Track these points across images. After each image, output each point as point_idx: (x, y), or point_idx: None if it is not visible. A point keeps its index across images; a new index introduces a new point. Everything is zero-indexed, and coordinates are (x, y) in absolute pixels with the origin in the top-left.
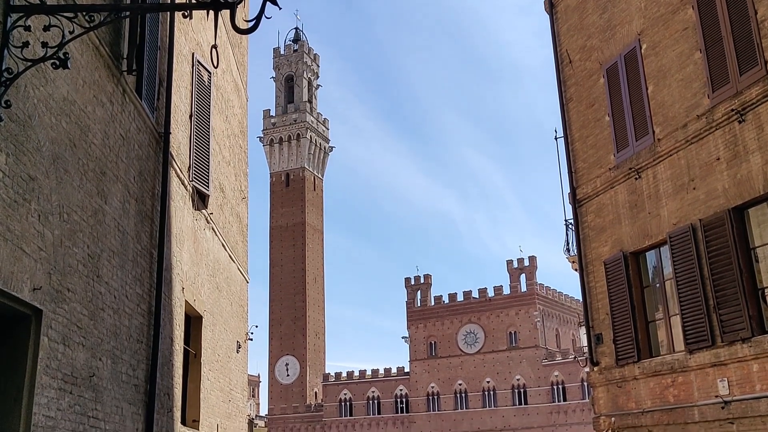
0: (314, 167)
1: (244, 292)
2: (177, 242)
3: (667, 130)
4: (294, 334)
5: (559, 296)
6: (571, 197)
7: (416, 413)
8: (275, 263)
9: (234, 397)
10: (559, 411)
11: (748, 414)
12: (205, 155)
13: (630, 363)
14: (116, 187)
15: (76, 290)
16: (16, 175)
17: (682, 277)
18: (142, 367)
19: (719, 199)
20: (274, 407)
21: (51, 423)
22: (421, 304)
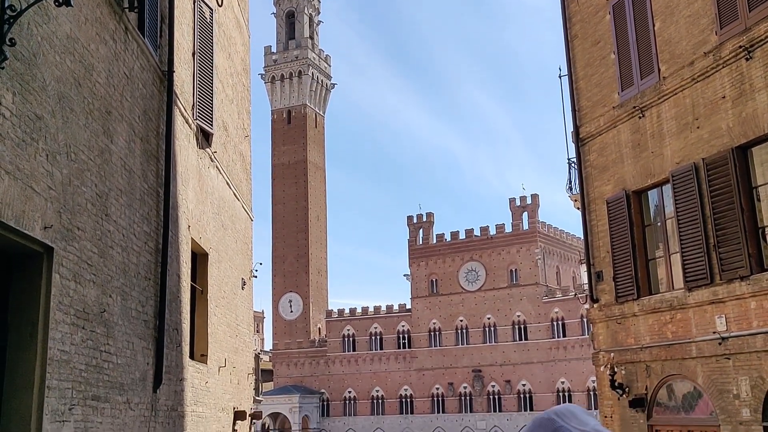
0: (316, 104)
1: (248, 230)
2: (182, 181)
3: (673, 68)
4: (297, 271)
5: (561, 234)
6: (575, 136)
7: (418, 348)
8: (278, 201)
9: (240, 333)
10: (559, 347)
11: (744, 349)
12: (208, 93)
13: (629, 300)
14: (122, 126)
15: (86, 228)
16: (23, 114)
17: (683, 215)
18: (151, 303)
19: (723, 138)
20: (279, 342)
21: (65, 357)
22: (423, 242)
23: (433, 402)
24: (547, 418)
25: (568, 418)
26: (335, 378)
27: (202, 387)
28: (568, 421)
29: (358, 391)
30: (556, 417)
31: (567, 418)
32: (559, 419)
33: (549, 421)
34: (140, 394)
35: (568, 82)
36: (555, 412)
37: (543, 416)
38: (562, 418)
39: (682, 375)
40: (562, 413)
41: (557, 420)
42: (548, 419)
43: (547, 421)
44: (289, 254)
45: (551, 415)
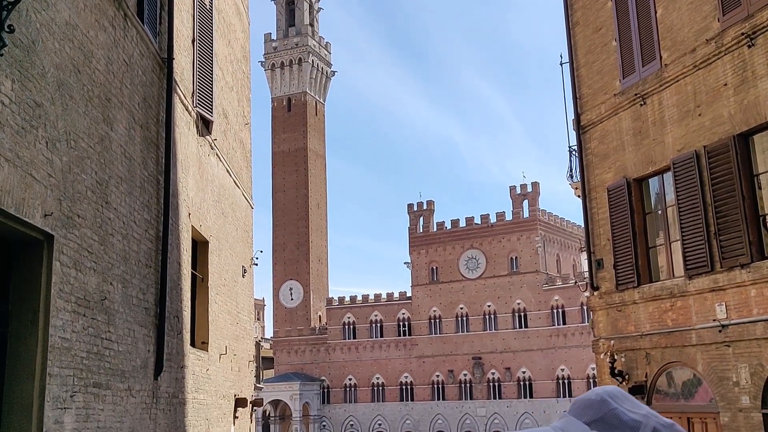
0: (316, 92)
1: (248, 218)
2: (182, 168)
3: (675, 55)
4: (297, 259)
5: (561, 222)
6: (576, 123)
7: (418, 336)
8: (278, 189)
9: (241, 320)
10: (559, 334)
11: (744, 337)
12: (208, 80)
13: (630, 288)
14: (121, 113)
15: (86, 216)
16: (22, 101)
17: (684, 203)
18: (152, 290)
19: (725, 126)
20: (279, 330)
21: (67, 344)
22: (424, 230)
23: (433, 389)
24: (598, 400)
25: (622, 401)
26: (336, 365)
27: (203, 374)
28: (621, 403)
29: (358, 379)
30: (609, 398)
31: (620, 400)
32: (612, 401)
33: (602, 403)
34: (141, 381)
35: (569, 70)
36: (607, 393)
37: (592, 397)
38: (615, 400)
39: (681, 362)
40: (615, 395)
41: (611, 402)
42: (600, 401)
43: (599, 402)
44: (290, 242)
45: (604, 397)
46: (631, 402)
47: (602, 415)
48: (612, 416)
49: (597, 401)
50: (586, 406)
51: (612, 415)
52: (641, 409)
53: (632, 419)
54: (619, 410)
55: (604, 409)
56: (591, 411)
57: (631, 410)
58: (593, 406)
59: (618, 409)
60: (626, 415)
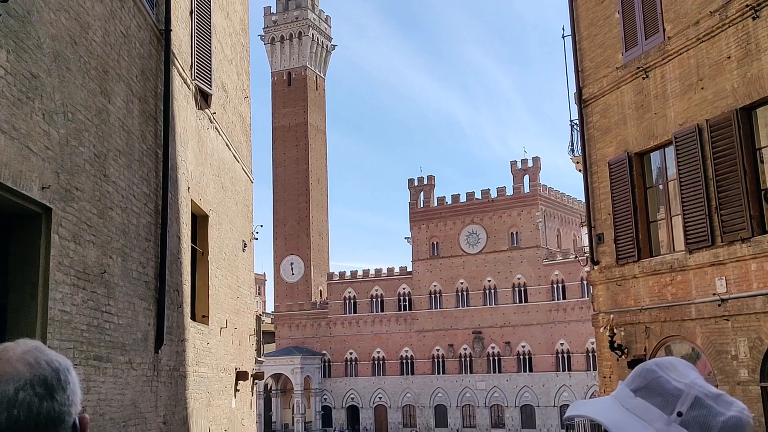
0: (316, 66)
1: (248, 192)
2: (181, 142)
3: (678, 28)
4: (298, 234)
5: (562, 197)
6: (577, 97)
7: (418, 311)
8: (278, 164)
9: (242, 294)
10: (559, 309)
11: (744, 311)
12: (206, 53)
13: (630, 262)
14: (119, 86)
15: (84, 189)
16: (18, 72)
17: (685, 177)
18: (152, 264)
19: (727, 99)
20: (280, 305)
21: (66, 317)
22: (424, 205)
23: (433, 363)
24: (648, 369)
25: (669, 370)
26: (336, 339)
27: (204, 348)
28: (668, 372)
29: (359, 353)
30: (656, 368)
31: (668, 369)
32: (660, 370)
33: (649, 372)
34: (142, 354)
35: (572, 43)
36: (656, 363)
37: (645, 366)
38: (663, 369)
39: (680, 336)
40: (664, 365)
41: (657, 371)
42: (649, 369)
43: (647, 371)
44: (290, 217)
45: (652, 366)
46: (679, 371)
47: (648, 382)
48: (656, 384)
49: (645, 370)
50: (636, 375)
51: (656, 383)
52: (687, 378)
53: (675, 387)
54: (663, 378)
55: (649, 377)
56: (639, 379)
57: (677, 379)
58: (642, 374)
59: (663, 377)
60: (669, 383)
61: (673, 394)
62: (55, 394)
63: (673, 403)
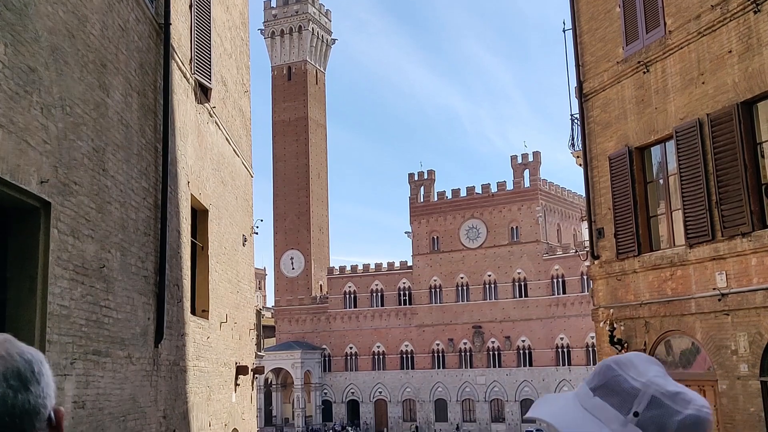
0: (316, 60)
1: (248, 187)
2: (181, 136)
3: (679, 22)
4: (298, 228)
5: (562, 192)
6: (578, 91)
7: (418, 305)
8: (278, 158)
9: (242, 289)
10: (558, 303)
11: (744, 306)
12: (206, 47)
13: (630, 257)
14: (117, 79)
15: (83, 183)
16: (16, 66)
17: (686, 172)
18: (151, 259)
19: (728, 94)
20: (281, 299)
21: (65, 312)
22: (425, 199)
23: (433, 358)
24: (606, 367)
25: (627, 368)
26: (336, 334)
27: (204, 342)
28: (626, 370)
29: (359, 347)
30: (615, 365)
31: (626, 367)
32: (618, 368)
33: (608, 370)
34: (141, 348)
35: (572, 37)
36: (615, 361)
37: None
38: (621, 367)
39: (680, 331)
40: (622, 362)
41: (616, 369)
42: (608, 367)
43: (606, 369)
44: (291, 211)
45: (611, 364)
46: (638, 369)
47: (606, 381)
48: (613, 383)
49: (604, 367)
50: (596, 373)
51: (614, 382)
52: (645, 376)
53: (632, 386)
54: (620, 377)
55: (608, 375)
56: (597, 377)
57: (634, 377)
58: (601, 372)
59: (620, 376)
60: (627, 382)
61: (630, 394)
62: (30, 386)
63: (630, 403)
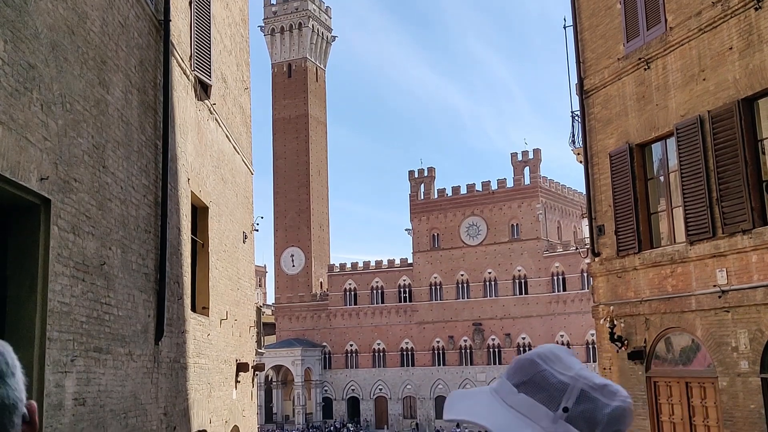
0: (317, 58)
1: (248, 184)
2: (181, 133)
3: (680, 19)
4: (299, 226)
5: (562, 189)
6: (578, 88)
7: (419, 302)
8: (279, 156)
9: (242, 286)
10: (559, 300)
11: (744, 303)
12: (206, 44)
13: (631, 254)
14: (117, 76)
15: (83, 180)
16: (15, 62)
17: (687, 169)
18: (152, 256)
19: (729, 90)
20: (281, 296)
21: (66, 309)
22: (425, 196)
23: (433, 355)
24: (529, 360)
25: (553, 362)
26: (337, 331)
27: (204, 339)
28: (552, 364)
29: (359, 344)
30: (539, 360)
31: (551, 361)
32: (543, 362)
33: (532, 365)
34: (142, 346)
35: (573, 34)
36: (539, 355)
37: (525, 357)
38: (546, 361)
39: (681, 328)
40: (546, 356)
41: (541, 363)
42: (532, 362)
43: (530, 364)
44: (291, 209)
45: (534, 358)
46: (564, 363)
47: (531, 377)
48: (540, 378)
49: (527, 362)
50: (518, 367)
51: (540, 377)
52: (571, 370)
53: (560, 381)
54: (547, 372)
55: (533, 370)
56: (521, 373)
57: (561, 372)
58: (524, 367)
59: (547, 370)
60: (554, 377)
61: (558, 389)
62: (6, 379)
63: (559, 398)
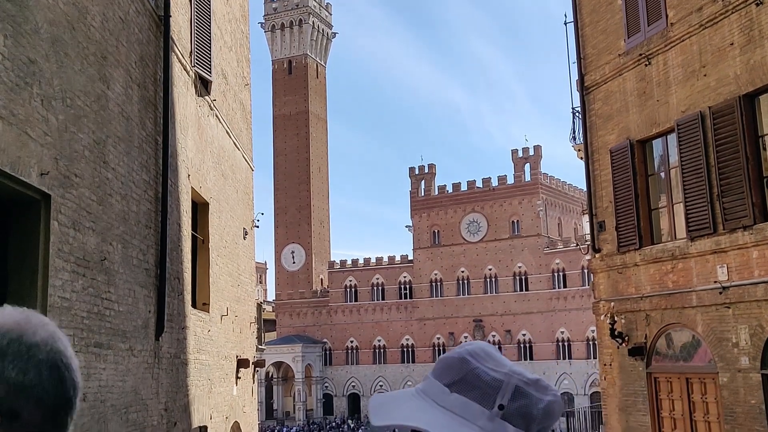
0: (317, 54)
1: (249, 180)
2: (181, 129)
3: (681, 14)
4: (299, 222)
5: (563, 185)
6: (579, 84)
7: (419, 299)
8: (279, 152)
9: (242, 282)
10: (559, 297)
11: (745, 299)
12: (206, 40)
13: (631, 250)
14: (118, 72)
15: (84, 176)
16: (16, 57)
17: (687, 165)
18: (152, 251)
19: (730, 86)
20: (281, 293)
21: (66, 304)
22: (425, 193)
23: (434, 351)
24: (459, 359)
25: (484, 359)
26: (337, 328)
27: (205, 335)
28: (483, 362)
29: (360, 341)
30: (470, 358)
31: (483, 359)
32: (475, 360)
33: (464, 363)
34: (143, 341)
35: (574, 30)
36: (468, 352)
37: (453, 356)
38: (478, 359)
39: (681, 324)
40: (477, 353)
41: (472, 361)
42: (460, 359)
43: (459, 361)
44: (291, 206)
45: (464, 355)
46: (495, 360)
47: (463, 375)
48: (472, 376)
49: (457, 361)
50: (447, 366)
51: (472, 375)
52: (504, 367)
53: (493, 378)
54: (480, 369)
55: (464, 369)
56: (452, 372)
57: (494, 369)
58: (454, 366)
59: (479, 368)
60: (487, 374)
61: (492, 386)
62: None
63: (493, 396)
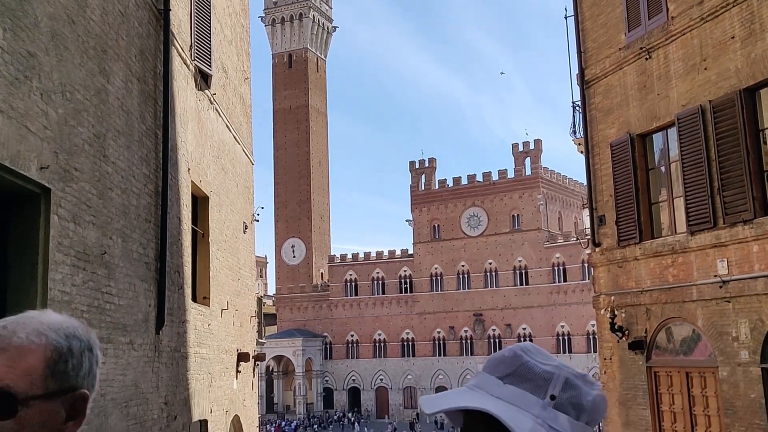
0: (317, 48)
1: (249, 174)
2: (181, 123)
3: (682, 8)
4: (299, 216)
5: (563, 180)
6: (579, 78)
7: (419, 293)
8: (279, 146)
9: (242, 276)
10: (559, 291)
11: (745, 292)
12: (206, 33)
13: (631, 244)
14: (118, 65)
15: (84, 170)
16: (15, 51)
17: (688, 159)
18: (152, 245)
19: (731, 80)
20: (282, 287)
21: (67, 298)
22: (426, 187)
23: (434, 345)
24: (511, 355)
25: (534, 354)
26: (338, 322)
27: (205, 329)
28: (533, 356)
29: (360, 335)
30: (521, 352)
31: (532, 353)
32: (525, 354)
33: (515, 358)
34: (143, 335)
35: (574, 23)
36: (519, 348)
37: (504, 353)
38: (528, 353)
39: (681, 318)
40: (527, 349)
41: (523, 355)
42: (513, 355)
43: (513, 357)
44: (292, 200)
45: (515, 351)
46: (544, 355)
47: (515, 368)
48: (524, 369)
49: (509, 356)
50: (499, 362)
51: (524, 368)
52: (553, 361)
53: (545, 370)
54: (531, 363)
55: (516, 362)
56: (504, 366)
57: (544, 362)
58: (506, 361)
59: (531, 361)
60: (539, 367)
61: (544, 378)
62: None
63: (545, 387)
